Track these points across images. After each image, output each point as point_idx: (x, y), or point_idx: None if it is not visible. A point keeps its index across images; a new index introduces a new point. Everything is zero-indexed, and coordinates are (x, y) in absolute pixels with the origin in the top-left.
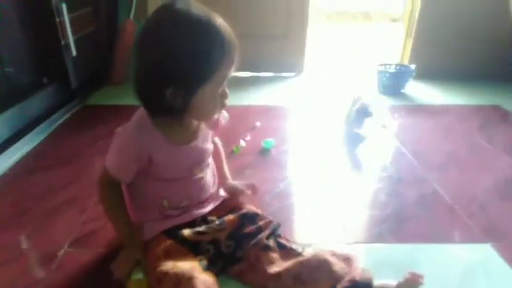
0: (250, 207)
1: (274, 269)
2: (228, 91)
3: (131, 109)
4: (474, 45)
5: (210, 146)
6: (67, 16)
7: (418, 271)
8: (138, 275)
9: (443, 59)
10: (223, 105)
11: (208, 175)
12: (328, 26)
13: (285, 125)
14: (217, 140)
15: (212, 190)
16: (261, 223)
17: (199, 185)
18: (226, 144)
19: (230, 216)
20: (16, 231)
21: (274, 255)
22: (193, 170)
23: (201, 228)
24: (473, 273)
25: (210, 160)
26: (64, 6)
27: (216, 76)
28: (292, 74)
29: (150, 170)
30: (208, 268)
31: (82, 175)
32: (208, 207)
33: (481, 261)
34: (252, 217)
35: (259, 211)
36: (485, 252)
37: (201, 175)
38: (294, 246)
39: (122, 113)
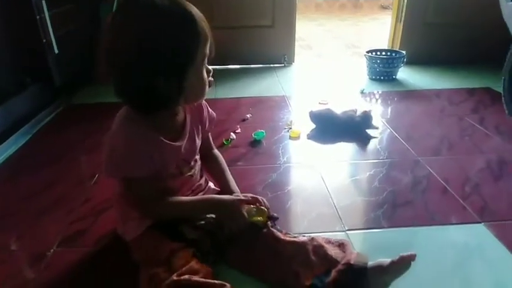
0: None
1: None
2: (210, 67)
3: (117, 107)
4: (463, 29)
5: (198, 143)
6: (47, 13)
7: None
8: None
9: (433, 43)
10: (210, 82)
11: (196, 171)
12: (317, 15)
13: (275, 116)
14: (217, 152)
15: (200, 182)
16: None
17: (188, 181)
18: (216, 137)
19: None
20: (4, 232)
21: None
22: (181, 168)
23: (199, 224)
24: (468, 253)
25: (197, 156)
26: (44, 3)
27: (199, 55)
28: (282, 64)
29: None
30: (203, 259)
31: (68, 175)
32: None
33: (476, 241)
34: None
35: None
36: (479, 232)
37: (189, 174)
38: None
39: (108, 111)
